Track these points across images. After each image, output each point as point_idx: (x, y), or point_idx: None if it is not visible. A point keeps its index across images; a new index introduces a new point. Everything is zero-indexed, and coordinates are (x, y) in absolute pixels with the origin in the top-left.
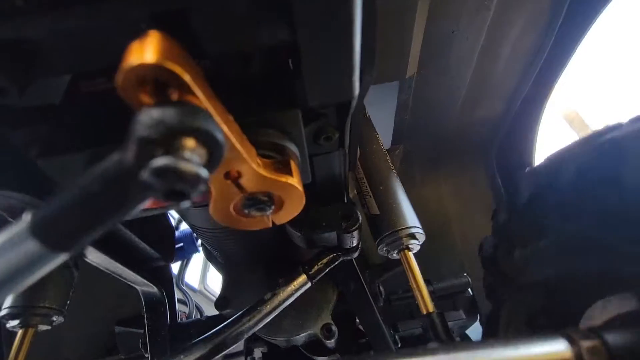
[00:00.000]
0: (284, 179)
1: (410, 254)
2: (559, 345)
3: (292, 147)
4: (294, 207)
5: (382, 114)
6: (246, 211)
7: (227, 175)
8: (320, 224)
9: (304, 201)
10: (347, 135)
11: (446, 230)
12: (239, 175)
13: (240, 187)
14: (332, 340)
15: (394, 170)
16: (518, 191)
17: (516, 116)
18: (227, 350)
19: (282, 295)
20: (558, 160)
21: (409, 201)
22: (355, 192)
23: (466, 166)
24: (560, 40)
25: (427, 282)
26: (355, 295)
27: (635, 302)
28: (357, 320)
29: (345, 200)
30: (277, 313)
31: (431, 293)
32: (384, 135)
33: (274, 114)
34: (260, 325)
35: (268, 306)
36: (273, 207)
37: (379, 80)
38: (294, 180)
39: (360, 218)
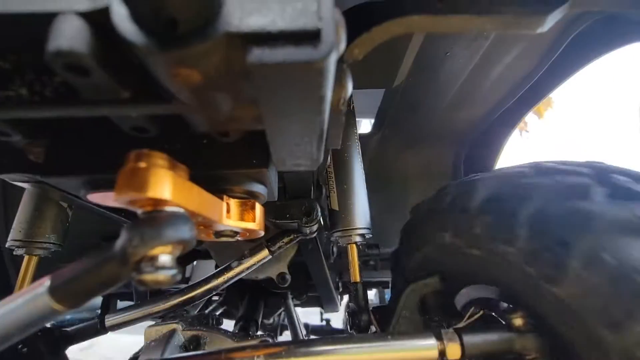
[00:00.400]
0: (247, 224)
1: (354, 247)
2: (429, 341)
3: (259, 189)
4: (256, 235)
5: (368, 99)
6: (215, 237)
7: (199, 224)
8: (284, 215)
9: (263, 233)
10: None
11: (403, 202)
12: (209, 225)
13: (209, 229)
14: (285, 285)
15: (361, 169)
16: (443, 196)
17: (493, 123)
18: None
19: (246, 264)
20: (477, 183)
21: (367, 201)
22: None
23: (436, 149)
24: (553, 70)
25: (375, 246)
26: (309, 253)
27: (490, 292)
28: None
29: (312, 195)
30: (240, 277)
31: (376, 255)
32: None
33: (246, 171)
34: (226, 284)
35: (234, 271)
36: (238, 235)
37: (365, 87)
38: (255, 225)
39: (320, 215)
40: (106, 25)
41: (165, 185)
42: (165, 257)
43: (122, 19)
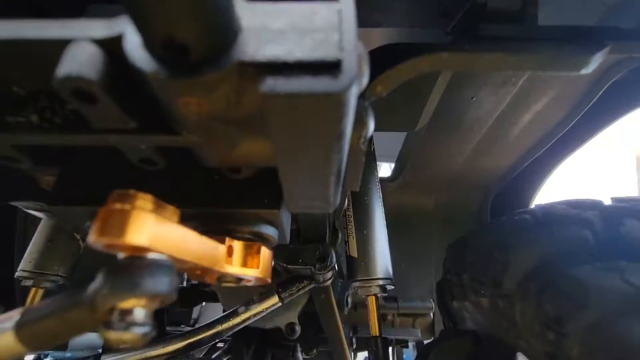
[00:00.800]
0: (249, 271)
1: (374, 299)
2: None
3: (269, 231)
4: (262, 282)
5: (388, 142)
6: (217, 282)
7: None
8: (297, 260)
9: (269, 280)
10: None
11: (425, 251)
12: (206, 272)
13: (210, 273)
14: (294, 337)
15: (382, 213)
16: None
17: (523, 172)
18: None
19: (254, 310)
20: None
21: (388, 249)
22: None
23: (461, 195)
24: (588, 119)
25: (394, 299)
26: (322, 303)
27: None
28: None
29: (327, 240)
30: (247, 324)
31: (395, 310)
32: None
33: (256, 211)
34: (232, 331)
35: (241, 317)
36: (243, 282)
37: (386, 129)
38: (259, 272)
39: (335, 261)
40: (118, 53)
41: (147, 230)
42: (139, 311)
43: (134, 46)
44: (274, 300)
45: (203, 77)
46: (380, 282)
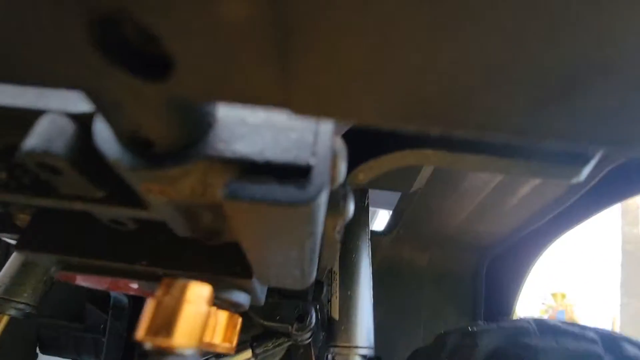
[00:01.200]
0: (223, 348)
1: None
2: None
3: (239, 298)
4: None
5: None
6: None
7: None
8: (274, 317)
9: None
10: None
11: (415, 308)
12: None
13: None
14: None
15: (370, 273)
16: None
17: (521, 240)
18: None
19: None
20: (477, 337)
21: (372, 313)
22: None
23: (455, 256)
24: (588, 198)
25: (378, 359)
26: (300, 358)
27: None
28: None
29: (308, 297)
30: None
31: None
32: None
33: (231, 279)
34: None
35: None
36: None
37: (380, 188)
38: (230, 347)
39: (314, 321)
40: (90, 128)
41: (194, 329)
42: None
43: (101, 129)
44: (247, 355)
45: (165, 170)
46: (362, 352)
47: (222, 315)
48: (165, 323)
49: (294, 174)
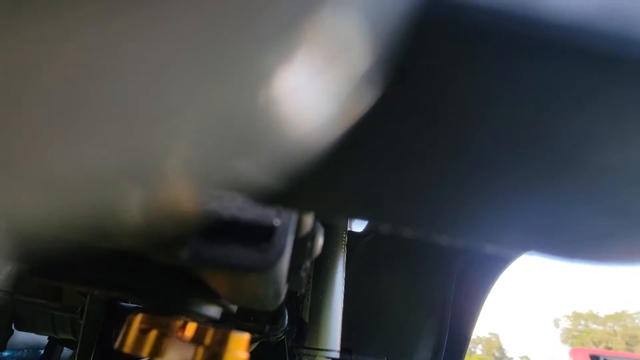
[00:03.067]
0: None
1: None
2: None
3: (209, 312)
4: None
5: None
6: None
7: None
8: (249, 317)
9: None
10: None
11: (387, 307)
12: None
13: None
14: None
15: (342, 279)
16: None
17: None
18: None
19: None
20: None
21: (340, 318)
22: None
23: (428, 266)
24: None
25: (348, 351)
26: (274, 349)
27: None
28: None
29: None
30: None
31: None
32: None
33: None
34: None
35: None
36: None
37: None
38: None
39: (286, 324)
40: None
41: None
42: None
43: None
44: None
45: None
46: (328, 354)
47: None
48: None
49: (258, 234)
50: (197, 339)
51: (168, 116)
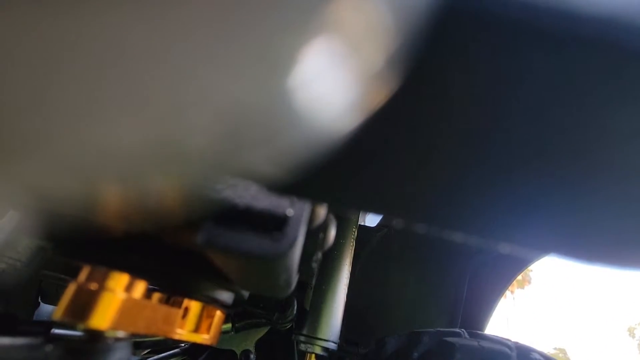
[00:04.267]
0: (198, 337)
1: (314, 356)
2: None
3: (222, 296)
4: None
5: None
6: None
7: None
8: (257, 304)
9: (215, 344)
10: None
11: (398, 301)
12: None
13: None
14: None
15: (348, 272)
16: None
17: (502, 255)
18: None
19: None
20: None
21: (342, 310)
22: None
23: (440, 264)
24: None
25: (354, 344)
26: (283, 335)
27: None
28: None
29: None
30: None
31: (354, 355)
32: None
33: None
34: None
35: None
36: None
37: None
38: (208, 339)
39: (295, 312)
40: None
41: (112, 314)
42: None
43: None
44: (227, 326)
45: None
46: (324, 344)
47: (195, 306)
48: (84, 306)
49: (271, 223)
50: None
51: (187, 106)
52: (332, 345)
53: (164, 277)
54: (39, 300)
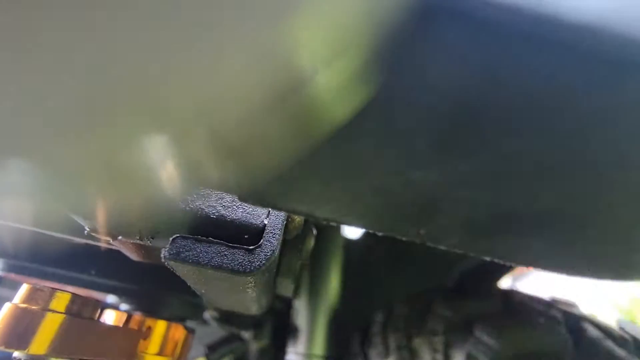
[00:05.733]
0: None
1: None
2: None
3: (194, 314)
4: None
5: None
6: None
7: None
8: (230, 320)
9: None
10: None
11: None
12: None
13: None
14: None
15: (338, 283)
16: None
17: (485, 262)
18: None
19: None
20: None
21: (333, 324)
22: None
23: (424, 276)
24: None
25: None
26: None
27: None
28: None
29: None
30: None
31: None
32: None
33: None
34: None
35: None
36: None
37: None
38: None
39: (270, 331)
40: None
41: (56, 337)
42: None
43: None
44: None
45: None
46: None
47: (159, 329)
48: (23, 329)
49: (246, 234)
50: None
51: (156, 113)
52: None
53: (125, 294)
54: None
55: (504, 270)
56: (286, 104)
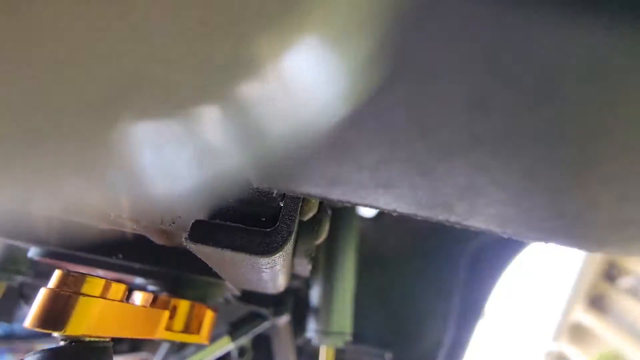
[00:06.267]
0: (188, 338)
1: (331, 351)
2: None
3: (216, 294)
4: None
5: None
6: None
7: None
8: (252, 298)
9: (208, 343)
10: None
11: (392, 296)
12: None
13: None
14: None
15: (353, 264)
16: None
17: (499, 239)
18: None
19: (204, 353)
20: None
21: (352, 302)
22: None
23: (436, 250)
24: None
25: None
26: (278, 332)
27: None
28: None
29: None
30: None
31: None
32: None
33: (204, 277)
34: None
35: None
36: None
37: None
38: (199, 339)
39: (290, 307)
40: None
41: (89, 319)
42: None
43: None
44: (225, 342)
45: None
46: (339, 337)
47: (183, 305)
48: (59, 312)
49: (262, 217)
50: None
51: (169, 99)
52: (348, 338)
53: (151, 276)
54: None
55: (517, 247)
56: (299, 84)
